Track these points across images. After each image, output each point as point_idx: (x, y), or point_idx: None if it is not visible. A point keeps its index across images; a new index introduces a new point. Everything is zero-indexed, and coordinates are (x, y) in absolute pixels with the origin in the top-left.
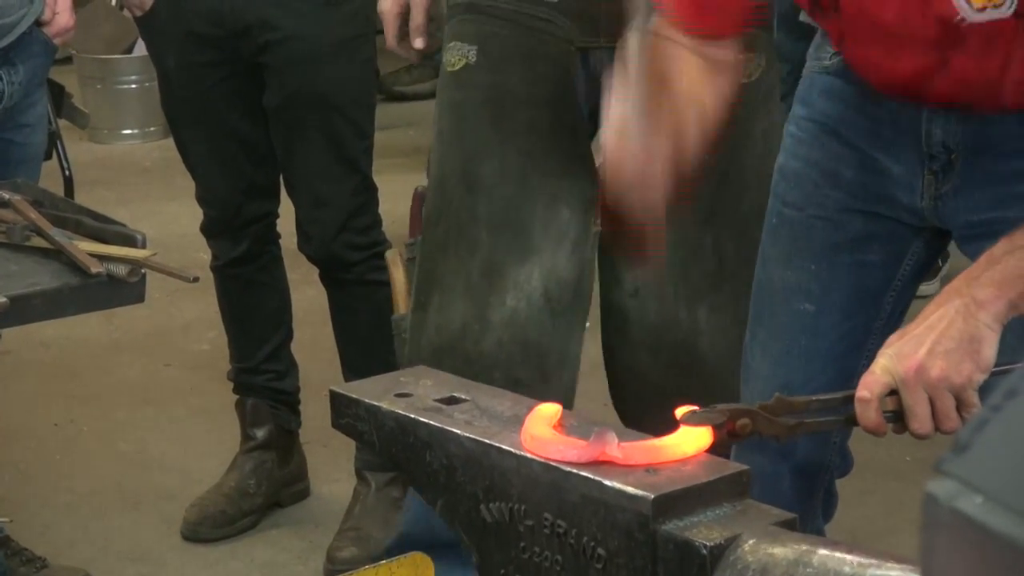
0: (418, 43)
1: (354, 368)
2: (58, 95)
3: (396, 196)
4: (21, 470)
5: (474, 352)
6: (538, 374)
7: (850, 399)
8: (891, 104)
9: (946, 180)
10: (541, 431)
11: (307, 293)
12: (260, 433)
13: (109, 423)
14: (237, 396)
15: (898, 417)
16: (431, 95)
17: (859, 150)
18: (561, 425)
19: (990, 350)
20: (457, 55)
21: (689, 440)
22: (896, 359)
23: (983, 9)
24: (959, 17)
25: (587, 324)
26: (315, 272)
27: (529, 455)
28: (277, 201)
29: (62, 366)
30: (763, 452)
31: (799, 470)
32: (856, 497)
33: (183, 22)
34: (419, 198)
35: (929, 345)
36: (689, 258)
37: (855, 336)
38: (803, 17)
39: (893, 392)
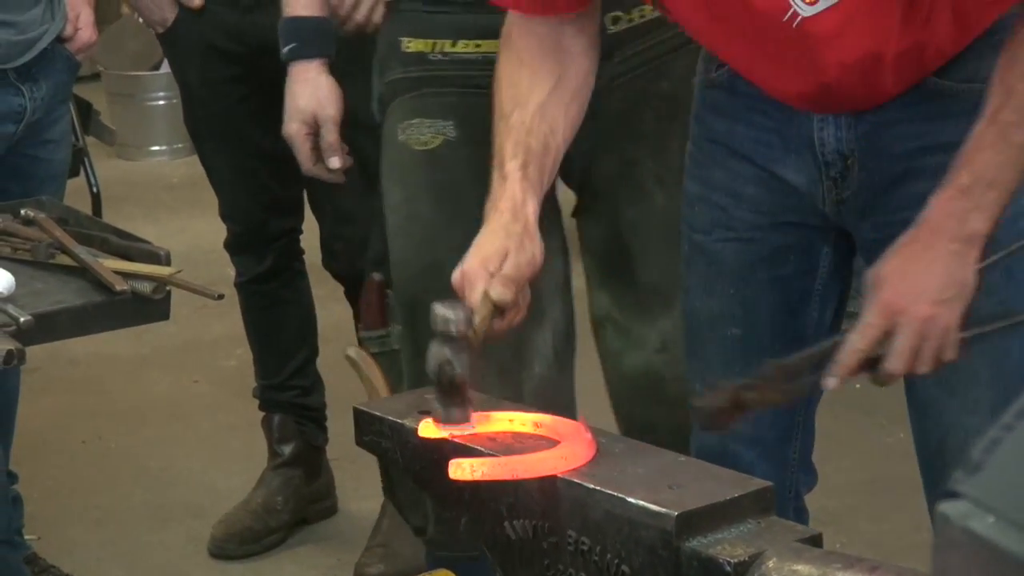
0: (334, 163)
1: None
2: (86, 112)
3: None
4: (49, 487)
5: None
6: None
7: (838, 345)
8: (779, 114)
9: (846, 186)
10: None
11: (333, 310)
12: (287, 449)
13: (137, 440)
14: (264, 413)
15: (873, 361)
16: None
17: (755, 164)
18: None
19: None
20: (429, 133)
21: None
22: (903, 306)
23: (815, 3)
24: (792, 12)
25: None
26: (341, 289)
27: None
28: (301, 217)
29: (90, 382)
30: None
31: None
32: (883, 513)
33: (204, 38)
34: (378, 288)
35: (935, 293)
36: None
37: (788, 351)
38: (680, 29)
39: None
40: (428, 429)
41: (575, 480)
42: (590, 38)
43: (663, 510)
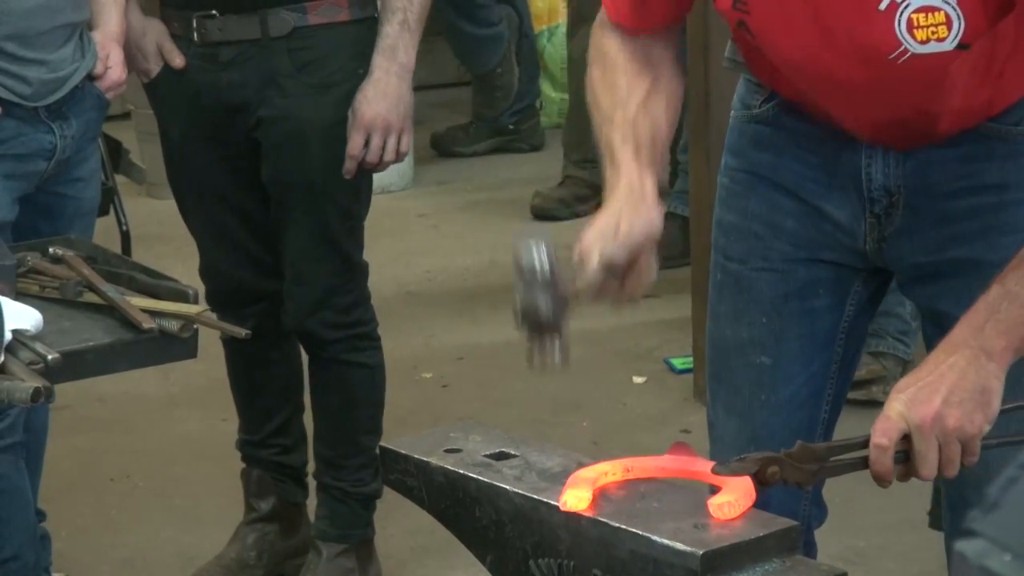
0: None
1: (323, 443)
2: (115, 151)
3: (453, 252)
4: (77, 525)
5: None
6: None
7: (867, 443)
8: (826, 149)
9: (889, 223)
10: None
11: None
12: (263, 505)
13: (165, 478)
14: (244, 465)
15: (905, 459)
16: (487, 155)
17: (798, 198)
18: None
19: (997, 400)
20: None
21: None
22: (911, 406)
23: (926, 42)
24: (901, 49)
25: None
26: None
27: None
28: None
29: (118, 421)
30: None
31: None
32: (912, 552)
33: (186, 95)
34: None
35: (944, 394)
36: None
37: (814, 383)
38: (726, 63)
39: (904, 436)
40: (574, 501)
41: (600, 518)
42: (676, 52)
43: (688, 549)
